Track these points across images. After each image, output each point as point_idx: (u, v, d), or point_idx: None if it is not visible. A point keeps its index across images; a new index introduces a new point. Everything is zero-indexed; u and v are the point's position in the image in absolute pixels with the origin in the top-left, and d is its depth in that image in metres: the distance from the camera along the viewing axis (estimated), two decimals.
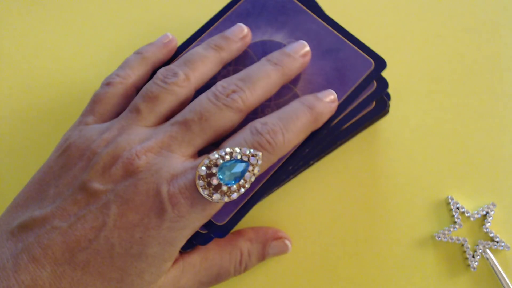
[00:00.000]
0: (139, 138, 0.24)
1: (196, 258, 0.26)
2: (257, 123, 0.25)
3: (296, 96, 0.28)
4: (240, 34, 0.29)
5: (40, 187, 0.25)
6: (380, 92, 0.28)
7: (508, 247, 0.29)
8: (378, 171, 0.31)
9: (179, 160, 0.24)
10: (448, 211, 0.31)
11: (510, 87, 0.33)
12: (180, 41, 0.31)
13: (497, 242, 0.29)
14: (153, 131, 0.25)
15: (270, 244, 0.29)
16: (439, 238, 0.30)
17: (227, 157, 0.23)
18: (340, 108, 0.27)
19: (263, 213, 0.31)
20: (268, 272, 0.30)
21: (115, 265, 0.22)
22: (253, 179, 0.23)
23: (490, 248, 0.29)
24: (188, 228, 0.23)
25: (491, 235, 0.30)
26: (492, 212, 0.30)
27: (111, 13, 0.37)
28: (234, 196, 0.23)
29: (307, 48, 0.28)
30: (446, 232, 0.30)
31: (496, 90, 0.33)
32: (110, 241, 0.22)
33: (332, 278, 0.30)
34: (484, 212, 0.30)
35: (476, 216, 0.30)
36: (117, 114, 0.27)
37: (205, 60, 0.27)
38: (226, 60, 0.29)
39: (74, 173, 0.24)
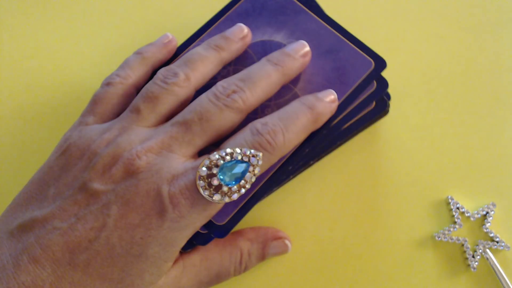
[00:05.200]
0: (140, 139, 0.24)
1: (196, 258, 0.26)
2: (258, 123, 0.25)
3: (296, 96, 0.28)
4: (240, 34, 0.29)
5: (40, 187, 0.25)
6: (380, 92, 0.28)
7: (508, 247, 0.29)
8: (378, 171, 0.31)
9: (179, 161, 0.24)
10: (448, 211, 0.31)
11: (510, 87, 0.33)
12: (180, 41, 0.31)
13: (497, 242, 0.29)
14: (153, 131, 0.25)
15: (270, 244, 0.29)
16: (439, 238, 0.30)
17: (228, 157, 0.23)
18: (340, 108, 0.27)
19: (263, 213, 0.31)
20: (268, 272, 0.30)
21: (115, 266, 0.22)
22: (253, 179, 0.23)
23: (490, 248, 0.29)
24: (189, 229, 0.23)
25: (491, 235, 0.30)
26: (492, 212, 0.30)
27: (111, 13, 0.37)
28: (235, 196, 0.23)
29: (307, 48, 0.28)
30: (446, 232, 0.30)
31: (496, 90, 0.33)
32: (110, 241, 0.22)
33: (332, 278, 0.30)
34: (484, 212, 0.30)
35: (476, 216, 0.30)
36: (117, 114, 0.27)
37: (205, 60, 0.27)
38: (226, 60, 0.29)
39: (74, 173, 0.24)
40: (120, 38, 0.36)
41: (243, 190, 0.23)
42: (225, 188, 0.23)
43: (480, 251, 0.29)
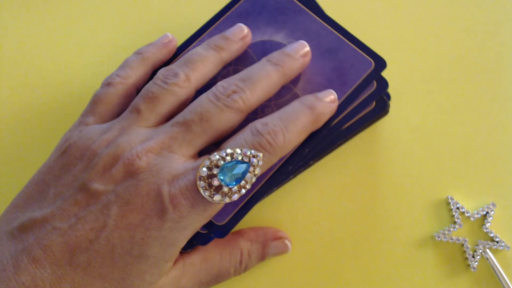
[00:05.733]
0: (140, 139, 0.24)
1: (196, 258, 0.26)
2: (258, 124, 0.25)
3: (296, 96, 0.28)
4: (240, 34, 0.29)
5: (40, 188, 0.25)
6: (380, 92, 0.28)
7: (508, 247, 0.29)
8: (378, 171, 0.31)
9: (179, 161, 0.24)
10: (448, 211, 0.31)
11: (510, 87, 0.33)
12: (180, 41, 0.31)
13: (497, 242, 0.29)
14: (153, 131, 0.25)
15: (270, 244, 0.29)
16: (439, 238, 0.30)
17: (228, 158, 0.23)
18: (340, 108, 0.27)
19: (263, 213, 0.31)
20: (268, 272, 0.30)
21: (115, 266, 0.22)
22: (253, 180, 0.23)
23: (490, 248, 0.29)
24: (189, 229, 0.23)
25: (491, 235, 0.30)
26: (492, 212, 0.30)
27: (111, 13, 0.37)
28: (235, 197, 0.23)
29: (307, 48, 0.28)
30: (446, 232, 0.30)
31: (496, 90, 0.33)
32: (110, 242, 0.22)
33: (332, 278, 0.30)
34: (484, 212, 0.30)
35: (476, 216, 0.30)
36: (117, 114, 0.27)
37: (205, 61, 0.27)
38: (226, 60, 0.29)
39: (74, 173, 0.24)
40: (120, 38, 0.36)
41: (243, 191, 0.23)
42: (225, 189, 0.23)
43: (480, 251, 0.29)
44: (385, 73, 0.29)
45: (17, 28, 0.37)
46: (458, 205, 0.30)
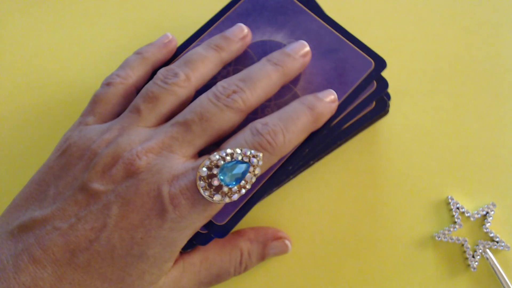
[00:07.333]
0: (140, 139, 0.24)
1: (196, 258, 0.26)
2: (258, 124, 0.25)
3: (296, 96, 0.28)
4: (240, 34, 0.29)
5: (40, 188, 0.25)
6: (380, 92, 0.28)
7: (508, 247, 0.29)
8: (378, 171, 0.31)
9: (179, 161, 0.24)
10: (448, 211, 0.31)
11: (510, 87, 0.33)
12: (180, 41, 0.31)
13: (497, 242, 0.29)
14: (153, 131, 0.25)
15: (270, 244, 0.29)
16: (439, 238, 0.30)
17: (228, 158, 0.23)
18: (340, 108, 0.27)
19: (263, 213, 0.31)
20: (268, 272, 0.30)
21: (116, 266, 0.22)
22: (253, 179, 0.23)
23: (490, 248, 0.29)
24: (189, 229, 0.23)
25: (491, 235, 0.30)
26: (492, 212, 0.30)
27: (111, 13, 0.37)
28: (235, 197, 0.23)
29: (307, 48, 0.28)
30: (446, 232, 0.30)
31: (496, 90, 0.33)
32: (111, 241, 0.22)
33: (332, 278, 0.30)
34: (484, 212, 0.30)
35: (476, 216, 0.30)
36: (117, 114, 0.27)
37: (205, 61, 0.27)
38: (226, 60, 0.29)
39: (74, 173, 0.24)
40: (120, 38, 0.36)
41: (243, 191, 0.23)
42: (225, 189, 0.23)
43: (480, 251, 0.29)
44: (385, 73, 0.29)
45: (17, 28, 0.37)
46: (458, 205, 0.30)
